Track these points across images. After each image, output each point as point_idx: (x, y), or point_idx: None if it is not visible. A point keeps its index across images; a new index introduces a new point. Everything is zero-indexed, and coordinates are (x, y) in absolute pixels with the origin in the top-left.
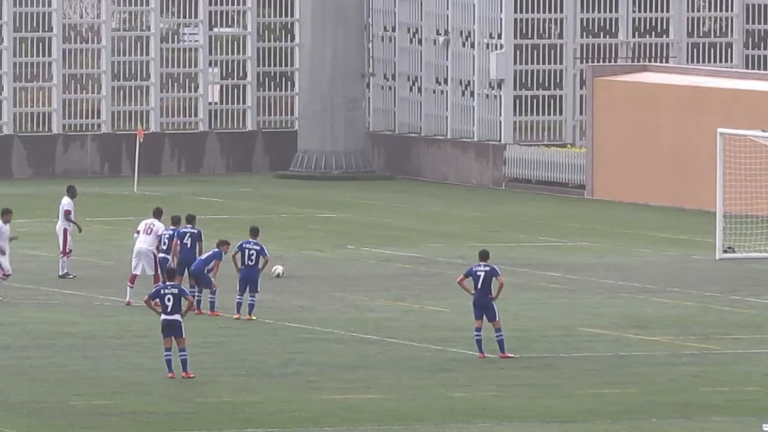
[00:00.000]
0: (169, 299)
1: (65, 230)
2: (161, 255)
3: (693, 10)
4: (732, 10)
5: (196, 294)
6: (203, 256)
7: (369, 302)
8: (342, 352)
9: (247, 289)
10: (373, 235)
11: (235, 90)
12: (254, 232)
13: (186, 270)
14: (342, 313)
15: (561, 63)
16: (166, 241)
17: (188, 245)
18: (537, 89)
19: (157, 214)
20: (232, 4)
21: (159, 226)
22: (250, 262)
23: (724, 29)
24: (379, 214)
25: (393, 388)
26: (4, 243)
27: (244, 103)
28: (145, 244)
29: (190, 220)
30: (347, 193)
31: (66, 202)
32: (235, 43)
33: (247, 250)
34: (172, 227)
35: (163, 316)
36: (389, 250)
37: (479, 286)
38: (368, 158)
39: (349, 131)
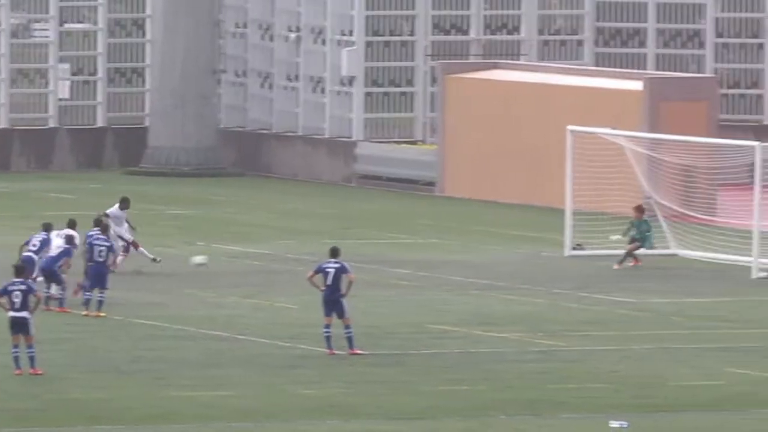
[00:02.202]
0: (16, 296)
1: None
2: (26, 254)
3: (544, 8)
4: (583, 8)
5: (47, 290)
6: (53, 253)
7: (219, 299)
8: (192, 348)
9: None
10: (224, 231)
11: (86, 86)
12: (100, 226)
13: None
14: (193, 309)
15: (412, 60)
16: (37, 243)
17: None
18: (388, 86)
19: (72, 225)
20: (84, 0)
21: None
22: (99, 258)
23: (574, 27)
24: (230, 210)
25: (243, 385)
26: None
27: (94, 99)
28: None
29: (72, 225)
30: (198, 190)
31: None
32: (86, 39)
33: (96, 247)
34: (43, 232)
35: (10, 313)
36: (240, 247)
37: (329, 282)
38: (219, 155)
39: (200, 127)
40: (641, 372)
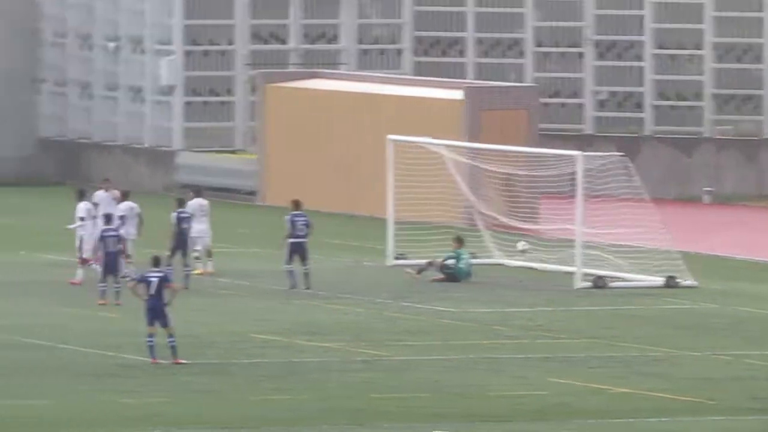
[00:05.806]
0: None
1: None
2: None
3: (363, 17)
4: (402, 17)
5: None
6: None
7: (40, 308)
8: (13, 357)
9: None
10: (45, 241)
11: None
12: None
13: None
14: (15, 317)
15: (232, 69)
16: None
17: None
18: (208, 95)
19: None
20: None
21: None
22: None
23: (394, 36)
24: (51, 220)
25: (64, 395)
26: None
27: None
28: None
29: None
30: (18, 199)
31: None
32: None
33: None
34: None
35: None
36: (64, 257)
37: (152, 291)
38: (39, 164)
39: (19, 137)
40: (463, 381)
